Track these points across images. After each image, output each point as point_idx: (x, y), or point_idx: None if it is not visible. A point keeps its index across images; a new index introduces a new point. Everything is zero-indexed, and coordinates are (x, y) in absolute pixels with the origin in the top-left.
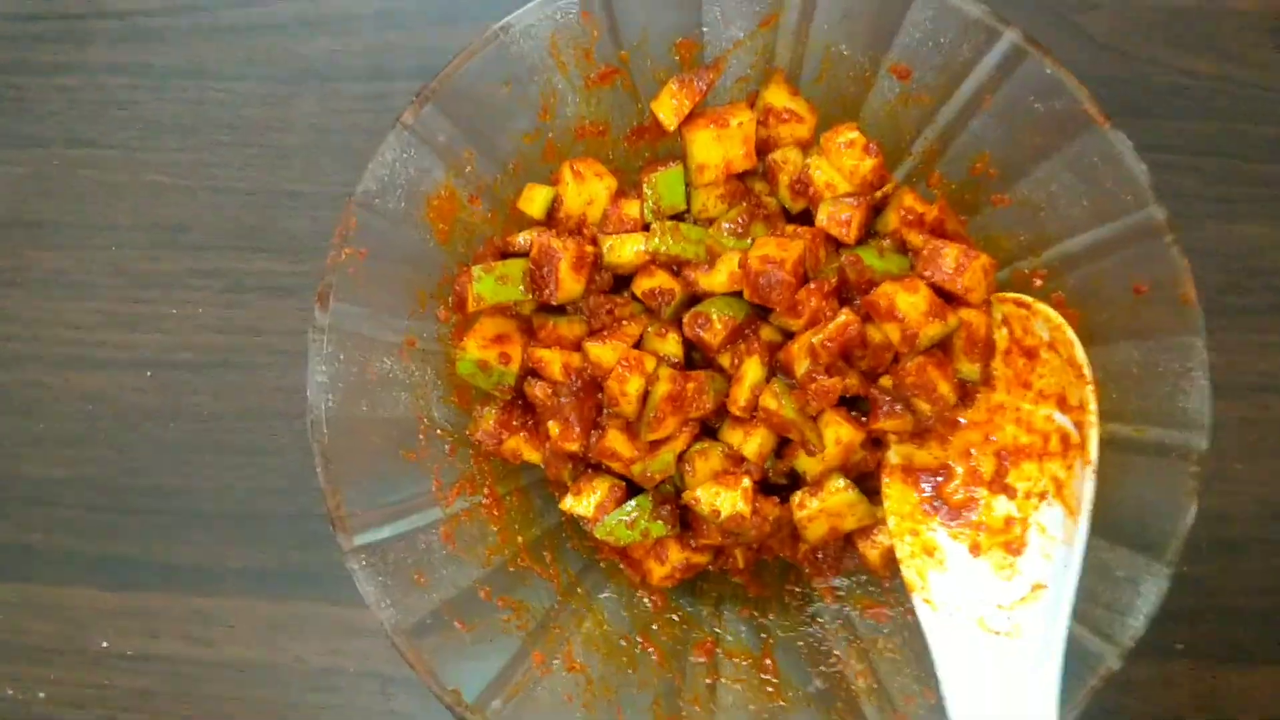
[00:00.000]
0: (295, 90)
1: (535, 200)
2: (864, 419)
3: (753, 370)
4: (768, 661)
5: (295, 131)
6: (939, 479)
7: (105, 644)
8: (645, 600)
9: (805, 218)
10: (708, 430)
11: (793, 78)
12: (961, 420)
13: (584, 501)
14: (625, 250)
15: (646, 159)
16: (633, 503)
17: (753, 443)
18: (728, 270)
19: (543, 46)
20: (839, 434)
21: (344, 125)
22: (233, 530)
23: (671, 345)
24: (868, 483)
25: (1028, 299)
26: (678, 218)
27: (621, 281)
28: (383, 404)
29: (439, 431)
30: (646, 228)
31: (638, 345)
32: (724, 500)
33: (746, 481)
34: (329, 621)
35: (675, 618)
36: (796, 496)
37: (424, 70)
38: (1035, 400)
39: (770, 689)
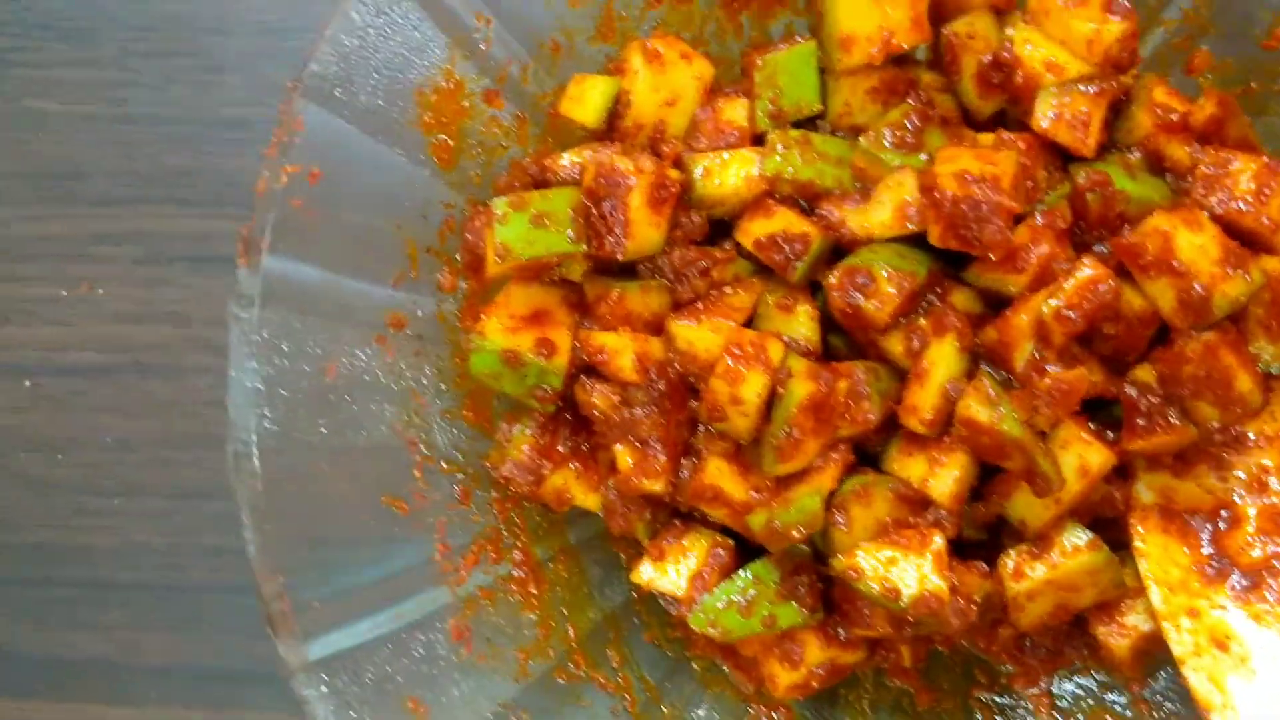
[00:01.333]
0: None
1: (587, 99)
2: (1111, 435)
3: (945, 359)
4: None
5: (237, 32)
6: (1219, 525)
7: None
8: None
9: (993, 127)
10: (865, 458)
11: None
12: (1249, 435)
13: (670, 571)
14: (727, 176)
15: (754, 36)
16: (747, 572)
17: (945, 476)
18: (894, 202)
19: None
20: (1084, 459)
21: (306, 21)
22: (150, 609)
23: (803, 324)
24: (1104, 534)
25: None
26: (807, 125)
27: (720, 227)
28: (353, 424)
29: (444, 465)
30: (759, 140)
31: (748, 324)
32: (905, 572)
33: (939, 541)
34: None
35: None
36: (1010, 560)
37: None
38: None
39: None
